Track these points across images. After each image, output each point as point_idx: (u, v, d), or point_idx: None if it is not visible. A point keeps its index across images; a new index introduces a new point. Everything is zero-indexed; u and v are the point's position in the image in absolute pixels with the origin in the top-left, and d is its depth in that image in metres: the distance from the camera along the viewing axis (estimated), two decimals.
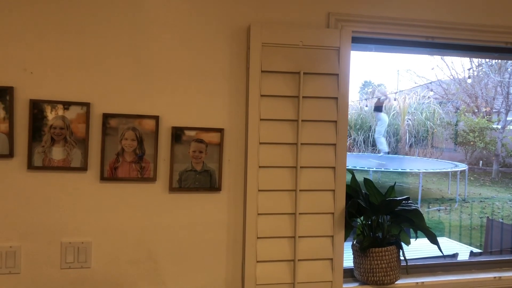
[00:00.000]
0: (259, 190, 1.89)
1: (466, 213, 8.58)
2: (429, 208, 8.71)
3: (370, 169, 9.37)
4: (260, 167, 1.88)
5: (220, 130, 1.89)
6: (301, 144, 1.90)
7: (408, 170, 10.19)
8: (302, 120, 1.90)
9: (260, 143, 1.88)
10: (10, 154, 1.71)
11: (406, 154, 14.48)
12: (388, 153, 11.49)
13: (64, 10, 1.74)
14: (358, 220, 2.11)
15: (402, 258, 2.06)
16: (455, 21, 2.07)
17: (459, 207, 9.03)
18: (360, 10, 1.98)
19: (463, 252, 3.55)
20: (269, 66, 1.87)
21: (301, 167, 1.91)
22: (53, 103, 1.74)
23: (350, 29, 1.94)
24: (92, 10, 1.77)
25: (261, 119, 1.88)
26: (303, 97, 1.89)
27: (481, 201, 9.75)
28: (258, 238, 1.89)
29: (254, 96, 1.87)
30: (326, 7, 1.96)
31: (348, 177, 2.03)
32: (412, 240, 2.17)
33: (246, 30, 1.89)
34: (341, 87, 1.92)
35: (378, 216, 2.06)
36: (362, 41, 2.03)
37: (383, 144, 11.04)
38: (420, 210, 2.10)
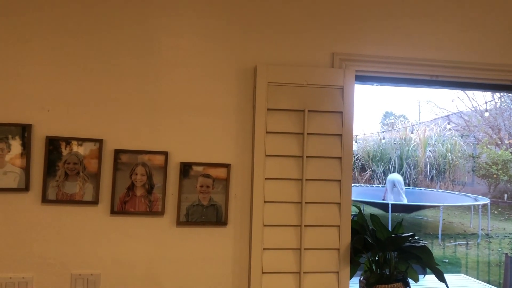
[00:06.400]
0: (264, 225, 1.92)
1: (488, 249, 8.33)
2: (450, 242, 8.50)
3: (389, 202, 9.25)
4: (265, 202, 1.92)
5: (227, 166, 1.95)
6: (306, 179, 1.94)
7: (426, 204, 10.02)
8: (307, 156, 1.94)
9: (266, 179, 1.93)
10: (26, 188, 1.80)
11: (428, 187, 14.24)
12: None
13: (79, 52, 1.86)
14: (365, 256, 2.10)
15: None
16: (458, 60, 2.11)
17: (481, 242, 8.78)
18: (363, 50, 2.05)
19: None
20: (275, 104, 1.93)
21: (306, 202, 1.94)
22: (67, 140, 1.83)
23: (354, 68, 2.00)
24: (106, 52, 1.88)
25: (266, 155, 1.93)
26: (307, 133, 1.94)
27: (505, 236, 9.46)
28: (263, 273, 1.91)
29: (260, 133, 1.92)
30: (330, 47, 2.03)
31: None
32: (420, 277, 2.15)
33: (252, 70, 1.97)
34: (345, 124, 1.97)
35: (385, 252, 2.06)
36: (366, 79, 2.08)
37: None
38: (428, 247, 2.09)
